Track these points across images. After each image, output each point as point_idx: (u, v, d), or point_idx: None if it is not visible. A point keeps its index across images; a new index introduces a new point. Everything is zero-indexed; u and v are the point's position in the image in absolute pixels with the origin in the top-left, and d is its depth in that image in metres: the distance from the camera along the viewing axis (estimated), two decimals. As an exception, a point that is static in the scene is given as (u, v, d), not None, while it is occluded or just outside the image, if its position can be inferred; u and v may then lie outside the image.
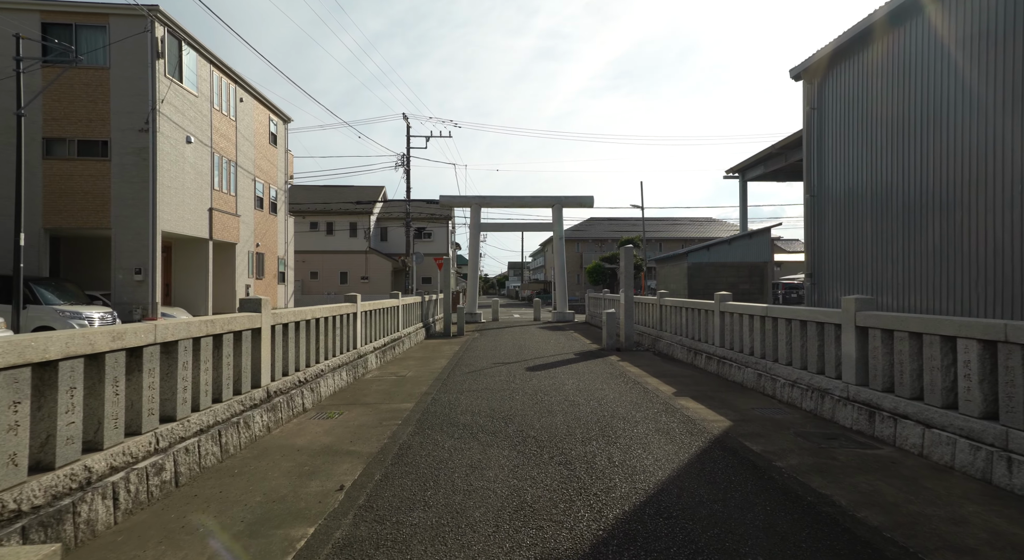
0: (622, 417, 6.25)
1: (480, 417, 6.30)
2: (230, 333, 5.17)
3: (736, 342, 8.91)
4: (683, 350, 11.29)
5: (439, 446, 5.16)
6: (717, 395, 7.63)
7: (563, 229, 25.45)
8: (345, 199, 37.62)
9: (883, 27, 9.52)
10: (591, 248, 52.88)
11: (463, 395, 7.64)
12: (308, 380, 7.05)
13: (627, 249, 13.62)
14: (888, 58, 9.46)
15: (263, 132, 22.55)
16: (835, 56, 10.65)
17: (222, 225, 18.66)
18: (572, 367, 10.37)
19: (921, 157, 8.80)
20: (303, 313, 7.06)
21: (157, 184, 14.96)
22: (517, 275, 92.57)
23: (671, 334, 12.32)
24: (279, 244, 24.32)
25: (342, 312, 8.84)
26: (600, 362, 11.11)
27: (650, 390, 7.98)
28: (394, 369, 10.39)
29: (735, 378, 8.66)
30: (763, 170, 22.41)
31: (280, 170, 24.39)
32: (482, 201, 25.34)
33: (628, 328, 13.48)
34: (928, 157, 8.64)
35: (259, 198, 22.15)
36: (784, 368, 7.27)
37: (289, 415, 6.25)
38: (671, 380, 8.89)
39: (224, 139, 19.05)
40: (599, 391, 7.86)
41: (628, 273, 13.61)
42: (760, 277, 20.13)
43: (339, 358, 8.49)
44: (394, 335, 12.60)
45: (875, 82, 9.85)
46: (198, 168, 17.30)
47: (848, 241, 10.52)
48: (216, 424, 4.76)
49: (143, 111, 14.78)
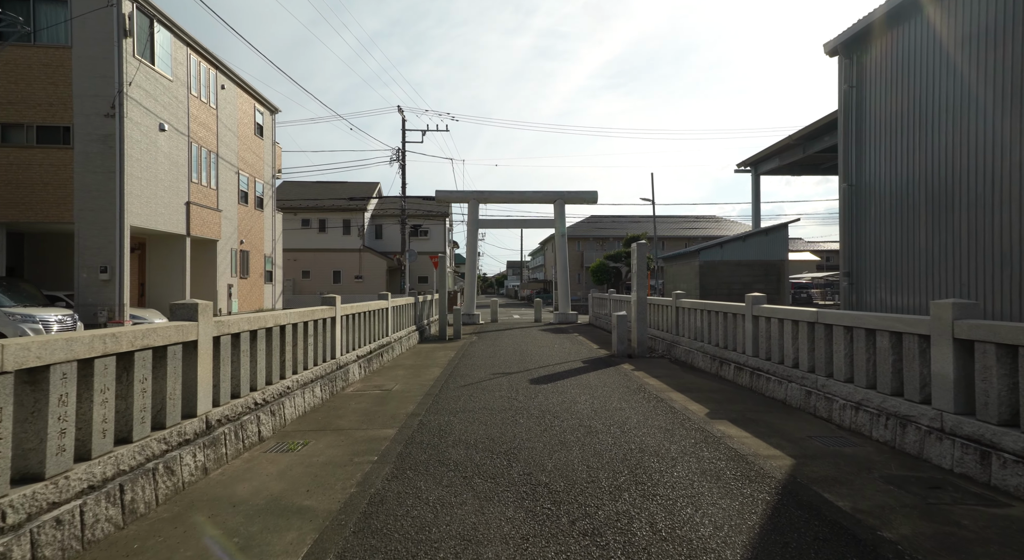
0: (654, 451, 5.01)
1: (477, 451, 5.05)
2: (146, 350, 3.91)
3: (775, 352, 7.67)
4: (705, 358, 10.06)
5: (421, 500, 3.91)
6: (759, 417, 6.40)
7: (565, 226, 24.22)
8: (339, 195, 36.34)
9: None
10: (592, 246, 51.64)
11: (456, 417, 6.39)
12: (268, 401, 5.80)
13: (640, 245, 12.39)
14: (955, 22, 8.21)
15: (248, 122, 21.27)
16: (883, 24, 9.41)
17: (201, 220, 17.38)
18: (582, 379, 9.12)
19: (995, 142, 7.56)
20: (262, 320, 5.81)
21: (125, 174, 13.68)
22: (516, 274, 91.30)
23: (690, 339, 11.09)
24: (266, 241, 23.04)
25: (317, 317, 7.59)
26: (613, 372, 9.88)
27: (678, 410, 6.74)
28: (380, 381, 9.14)
29: (775, 394, 7.42)
30: (778, 163, 21.19)
31: (267, 163, 23.12)
32: (480, 196, 24.10)
33: (641, 332, 12.26)
34: (1006, 141, 7.40)
35: (243, 192, 20.87)
36: (843, 386, 6.03)
37: (238, 449, 5.00)
38: (699, 396, 7.65)
39: (203, 128, 17.77)
40: (619, 412, 6.62)
41: (641, 271, 12.38)
42: (776, 276, 18.92)
43: (312, 371, 7.24)
44: (382, 341, 11.35)
45: (935, 53, 8.60)
46: (173, 159, 16.02)
47: (897, 237, 9.29)
48: (119, 475, 3.52)
49: (109, 94, 13.51)
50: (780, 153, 20.75)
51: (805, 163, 21.70)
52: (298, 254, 34.85)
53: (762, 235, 19.03)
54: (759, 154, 21.70)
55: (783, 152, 20.62)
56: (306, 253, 35.13)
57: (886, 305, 9.47)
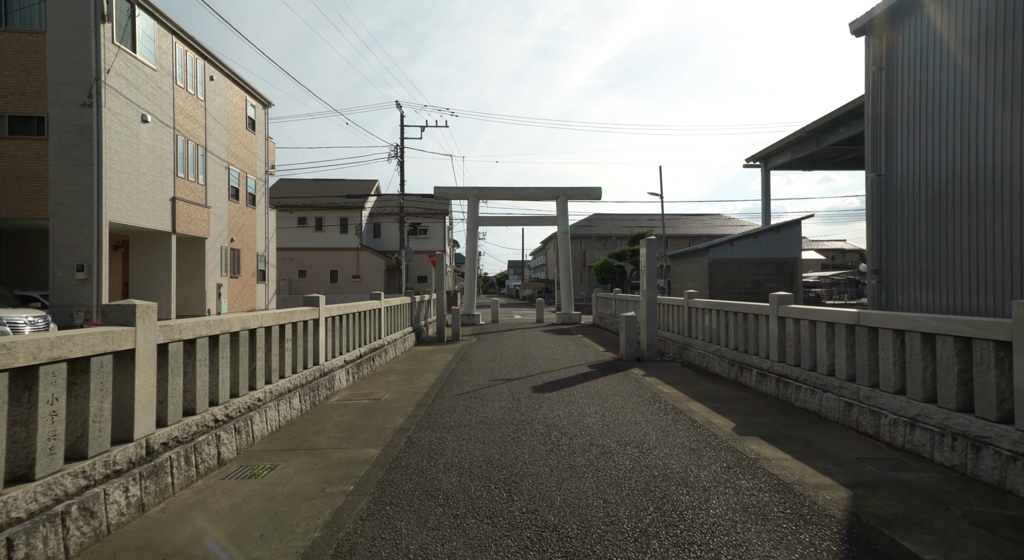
0: (681, 479, 4.24)
1: (472, 479, 4.28)
2: (57, 363, 3.15)
3: (805, 357, 6.89)
4: (722, 363, 9.28)
5: (400, 550, 3.14)
6: (794, 432, 5.62)
7: (568, 224, 23.44)
8: (336, 193, 35.59)
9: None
10: (595, 245, 50.87)
11: (450, 434, 5.62)
12: (232, 417, 5.03)
13: (650, 240, 11.62)
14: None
15: (239, 116, 20.51)
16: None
17: (188, 217, 16.63)
18: (590, 386, 8.35)
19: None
20: (225, 323, 5.04)
21: (103, 167, 12.93)
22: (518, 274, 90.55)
23: (704, 342, 10.32)
24: (258, 239, 22.29)
25: (297, 319, 6.83)
26: (623, 378, 9.10)
27: (700, 424, 5.96)
28: (369, 388, 8.37)
29: (807, 405, 6.65)
30: (789, 157, 20.39)
31: (259, 159, 22.37)
32: (480, 193, 23.33)
33: (650, 334, 11.48)
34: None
35: (234, 189, 20.12)
36: (892, 398, 5.26)
37: (189, 477, 4.23)
38: (721, 407, 6.88)
39: (191, 121, 17.01)
40: (634, 427, 5.84)
41: (651, 269, 11.61)
42: (789, 275, 18.14)
43: (290, 380, 6.48)
44: (374, 344, 10.58)
45: (984, 28, 7.82)
46: (157, 152, 15.27)
47: (935, 231, 8.50)
48: (12, 524, 2.75)
49: (86, 83, 12.75)
50: (792, 147, 19.95)
51: (818, 157, 20.91)
52: (294, 253, 34.09)
53: (774, 232, 18.26)
54: (769, 148, 20.91)
55: (795, 146, 19.82)
56: (302, 252, 34.37)
57: (921, 305, 8.69)
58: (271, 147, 23.60)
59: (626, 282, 28.31)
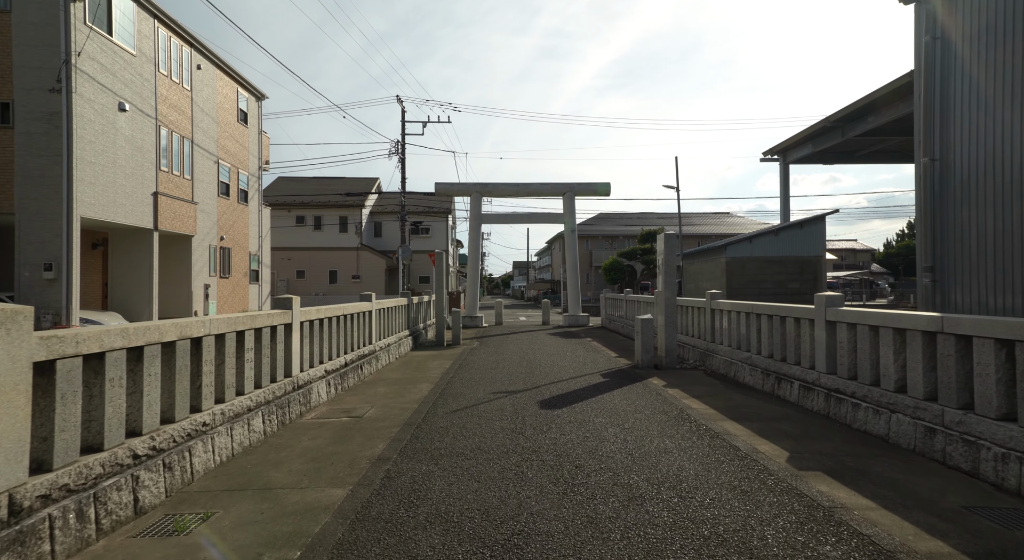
0: (741, 543, 3.16)
1: (461, 541, 3.22)
2: None
3: (864, 369, 5.79)
4: (754, 373, 8.19)
5: None
6: (866, 466, 4.53)
7: (575, 221, 22.38)
8: (336, 191, 34.62)
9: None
10: (601, 245, 49.76)
11: (439, 466, 4.56)
12: (162, 449, 3.99)
13: (669, 235, 10.54)
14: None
15: (230, 108, 19.54)
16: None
17: (172, 213, 15.65)
18: (606, 400, 7.27)
19: None
20: (155, 331, 3.99)
21: (75, 158, 11.95)
22: (523, 274, 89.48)
23: (730, 348, 9.23)
24: (251, 238, 21.31)
25: (264, 324, 5.79)
26: (641, 390, 8.02)
27: (745, 452, 4.88)
28: (352, 402, 7.32)
29: (870, 428, 5.54)
30: (810, 150, 19.24)
31: (252, 154, 21.39)
32: (483, 189, 22.31)
33: (669, 339, 10.39)
34: None
35: (224, 184, 19.14)
36: (997, 426, 4.16)
37: (83, 539, 3.18)
38: (763, 428, 5.78)
39: (175, 111, 16.04)
40: (665, 458, 4.76)
41: (670, 267, 10.52)
42: (812, 274, 16.99)
43: (253, 396, 5.44)
44: (363, 350, 9.54)
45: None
46: (137, 143, 14.29)
47: (1002, 224, 7.37)
48: None
49: (55, 67, 11.78)
50: (814, 139, 18.80)
51: (841, 150, 19.74)
52: (292, 253, 33.14)
53: (796, 228, 17.11)
54: (789, 140, 19.77)
55: (817, 137, 18.67)
56: (301, 252, 33.41)
57: (987, 307, 7.56)
58: (265, 142, 22.63)
59: (636, 282, 27.17)
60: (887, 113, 14.76)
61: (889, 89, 13.41)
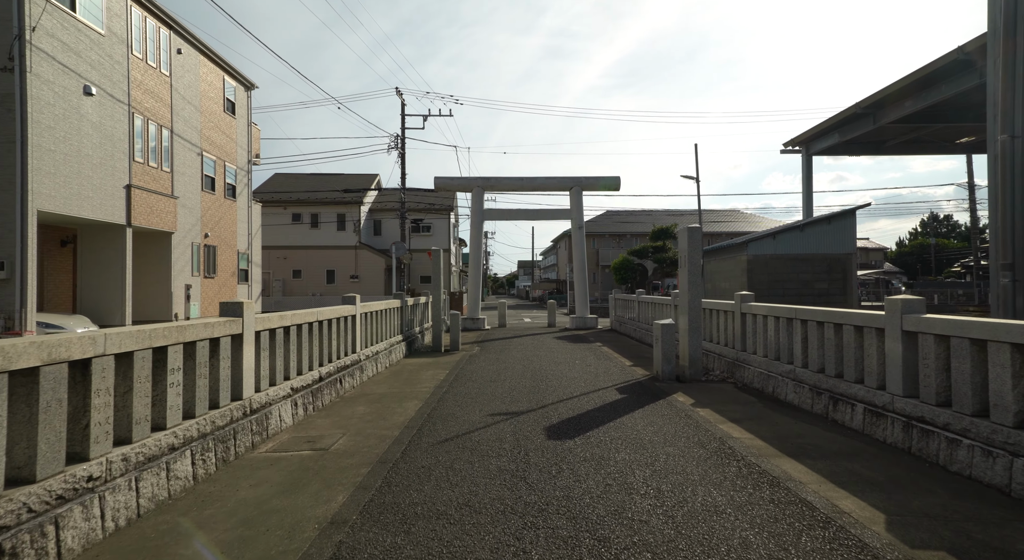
0: None
1: None
2: None
3: (965, 397, 4.51)
4: (799, 389, 6.92)
5: None
6: (1004, 542, 3.26)
7: (583, 218, 21.11)
8: (333, 188, 33.47)
9: None
10: (609, 244, 48.48)
11: (411, 537, 3.33)
12: (6, 527, 2.77)
13: (692, 228, 9.28)
14: None
15: (215, 97, 18.37)
16: None
17: (148, 208, 14.49)
18: (626, 425, 6.01)
19: None
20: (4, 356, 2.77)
21: (30, 145, 10.79)
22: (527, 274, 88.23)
23: (766, 358, 7.97)
24: (240, 235, 20.14)
25: (198, 337, 4.58)
26: (666, 410, 6.77)
27: (825, 515, 3.62)
28: (321, 428, 6.10)
29: (979, 474, 4.26)
30: (836, 139, 17.92)
31: (241, 146, 20.22)
32: (486, 183, 21.09)
33: (693, 347, 9.13)
34: None
35: (209, 178, 17.97)
36: None
37: None
38: (831, 469, 4.52)
39: (152, 98, 14.88)
40: (720, 525, 3.50)
41: (694, 265, 9.25)
42: (842, 273, 15.68)
43: (179, 430, 4.23)
44: (344, 361, 8.32)
45: None
46: (107, 131, 13.13)
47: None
48: None
49: (6, 44, 10.61)
50: (841, 127, 17.49)
51: (871, 140, 18.40)
52: (288, 252, 31.99)
53: (824, 224, 15.79)
54: (813, 130, 18.46)
55: (845, 126, 17.36)
56: (297, 251, 32.25)
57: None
58: (255, 134, 21.47)
59: (648, 282, 25.87)
60: (926, 97, 13.44)
61: (930, 70, 12.09)
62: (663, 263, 24.44)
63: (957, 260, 54.74)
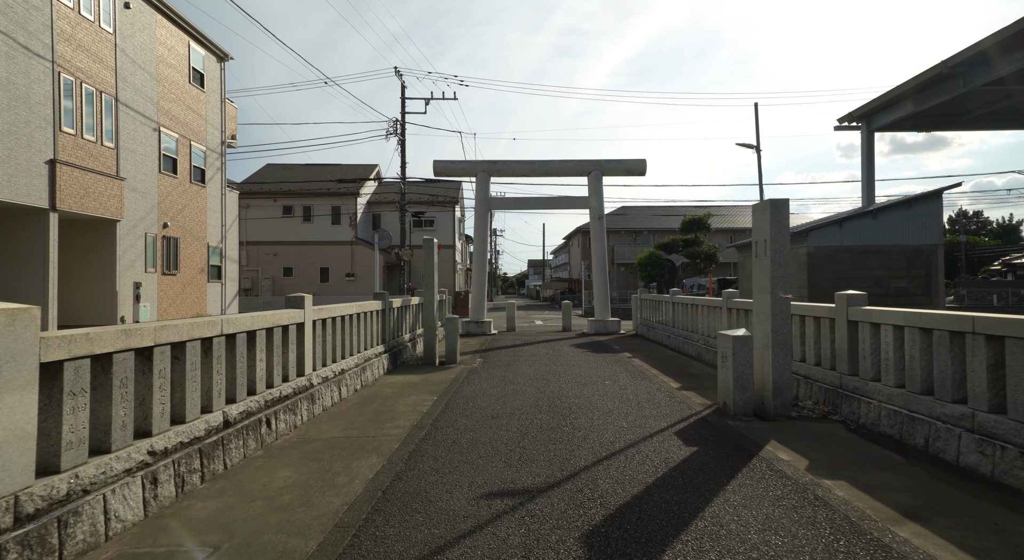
0: None
1: None
2: None
3: None
4: (988, 450, 4.21)
5: None
6: None
7: (603, 206, 18.41)
8: (329, 178, 30.96)
9: None
10: (624, 240, 45.66)
11: None
12: None
13: (776, 201, 6.59)
14: None
15: (178, 65, 15.86)
16: None
17: (83, 190, 11.99)
18: (723, 527, 3.33)
19: None
20: None
21: None
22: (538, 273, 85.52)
23: (902, 391, 5.29)
24: (210, 227, 17.63)
25: None
26: (775, 485, 4.08)
27: None
28: (192, 523, 3.48)
29: None
30: (910, 109, 15.01)
31: (212, 125, 17.71)
32: (492, 167, 18.46)
33: (779, 369, 6.43)
34: None
35: (169, 158, 15.47)
36: None
37: None
38: None
39: (87, 57, 12.38)
40: None
41: (779, 250, 6.56)
42: (925, 269, 12.87)
43: None
44: (276, 392, 5.69)
45: None
46: (20, 92, 10.64)
47: None
48: None
49: None
50: (917, 94, 14.60)
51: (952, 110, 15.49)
52: (279, 248, 29.52)
53: (902, 209, 12.99)
54: (877, 101, 15.59)
55: (922, 93, 14.48)
56: (288, 246, 29.77)
57: None
58: (231, 112, 18.96)
59: (677, 279, 23.11)
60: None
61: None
62: (695, 258, 21.62)
63: (994, 258, 51.42)
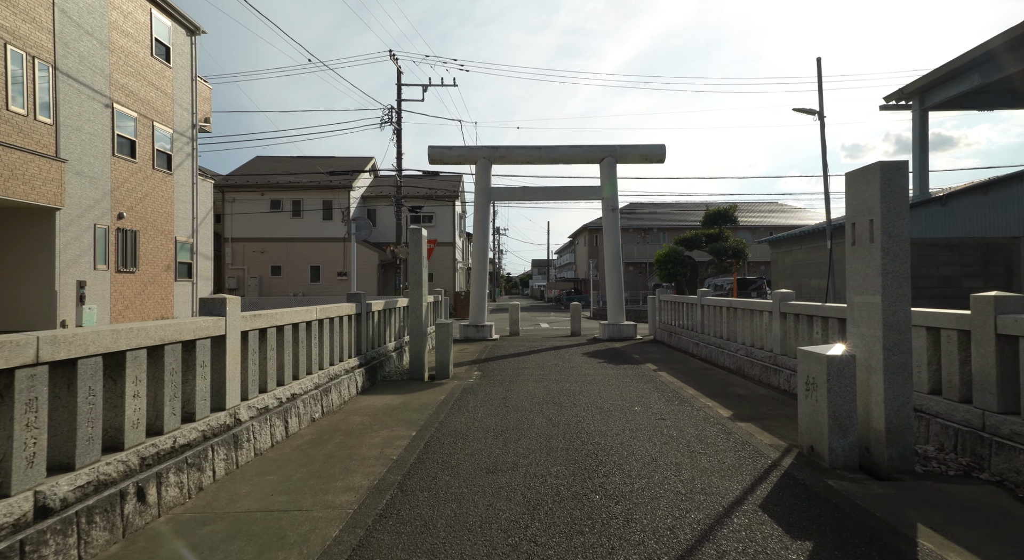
0: None
1: None
2: None
3: None
4: None
5: None
6: None
7: (617, 196, 16.48)
8: (322, 170, 29.12)
9: None
10: (633, 239, 43.70)
11: None
12: None
13: (888, 165, 4.67)
14: None
15: (137, 35, 14.02)
16: None
17: (8, 170, 10.16)
18: None
19: None
20: None
21: None
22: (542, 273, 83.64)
23: None
24: (178, 219, 15.79)
25: None
26: None
27: None
28: None
29: None
30: (977, 82, 13.03)
31: (181, 105, 15.87)
32: (493, 154, 16.59)
33: (895, 403, 4.51)
34: None
35: (126, 140, 13.64)
36: None
37: None
38: None
39: (16, 15, 10.54)
40: None
41: (893, 235, 4.65)
42: (1004, 265, 10.91)
43: None
44: (169, 440, 3.79)
45: None
46: (-79, 49, 8.78)
47: None
48: None
49: None
50: (981, 66, 12.66)
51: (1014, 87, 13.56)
52: (266, 244, 27.69)
53: (978, 194, 11.05)
54: (933, 74, 13.64)
55: (987, 64, 12.54)
56: (276, 243, 27.93)
57: None
58: (203, 92, 17.12)
59: (700, 278, 21.16)
60: None
61: None
62: (720, 254, 19.64)
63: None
